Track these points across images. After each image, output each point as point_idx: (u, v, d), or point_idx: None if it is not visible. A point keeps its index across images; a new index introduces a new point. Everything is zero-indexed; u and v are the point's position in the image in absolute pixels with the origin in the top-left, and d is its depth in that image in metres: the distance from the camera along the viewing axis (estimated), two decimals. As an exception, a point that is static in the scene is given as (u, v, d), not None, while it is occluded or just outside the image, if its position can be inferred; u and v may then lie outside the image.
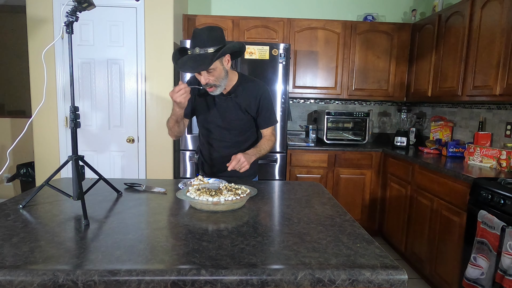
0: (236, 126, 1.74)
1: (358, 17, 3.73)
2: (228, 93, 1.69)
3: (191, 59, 1.47)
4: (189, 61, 1.47)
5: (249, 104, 1.70)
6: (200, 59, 1.45)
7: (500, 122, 2.65)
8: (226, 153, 1.76)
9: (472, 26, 2.54)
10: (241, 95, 1.69)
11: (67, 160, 1.22)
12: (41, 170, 3.00)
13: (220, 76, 1.55)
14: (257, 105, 1.72)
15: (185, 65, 1.48)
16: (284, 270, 0.80)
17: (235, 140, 1.77)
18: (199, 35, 1.47)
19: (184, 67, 1.48)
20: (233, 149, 1.76)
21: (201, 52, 1.46)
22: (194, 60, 1.46)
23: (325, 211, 1.25)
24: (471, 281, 1.84)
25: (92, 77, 2.94)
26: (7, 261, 0.80)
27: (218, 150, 1.79)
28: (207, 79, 1.52)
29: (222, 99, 1.69)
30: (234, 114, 1.71)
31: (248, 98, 1.70)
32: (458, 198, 2.16)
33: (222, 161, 1.77)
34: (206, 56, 1.46)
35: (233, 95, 1.68)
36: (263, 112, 1.73)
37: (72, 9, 1.14)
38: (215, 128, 1.75)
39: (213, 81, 1.54)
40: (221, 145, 1.77)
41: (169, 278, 0.77)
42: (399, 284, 0.81)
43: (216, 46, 1.48)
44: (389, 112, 3.89)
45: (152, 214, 1.19)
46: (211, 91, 1.58)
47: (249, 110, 1.72)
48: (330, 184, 3.24)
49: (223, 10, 3.67)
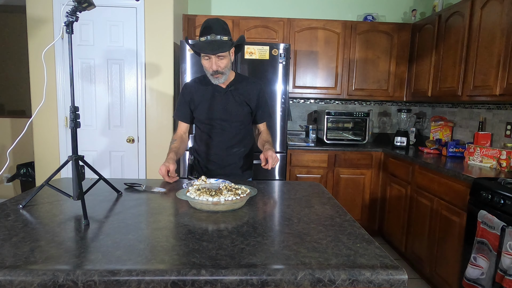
0: (236, 118, 1.78)
1: (358, 17, 3.73)
2: (227, 86, 1.76)
3: (208, 43, 1.60)
4: (207, 45, 1.60)
5: (249, 97, 1.79)
6: (217, 44, 1.59)
7: (500, 122, 2.65)
8: (225, 146, 1.79)
9: (472, 26, 2.54)
10: (240, 87, 1.78)
11: (67, 160, 1.22)
12: (41, 170, 3.00)
13: (227, 65, 1.66)
14: (256, 99, 1.81)
15: (204, 47, 1.60)
16: (284, 270, 0.80)
17: (234, 133, 1.79)
18: (214, 23, 1.61)
19: (204, 49, 1.60)
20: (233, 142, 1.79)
21: (216, 38, 1.60)
22: (212, 44, 1.60)
23: (325, 211, 1.25)
24: (471, 281, 1.84)
25: (92, 77, 2.95)
26: (7, 261, 0.80)
27: (218, 144, 1.80)
28: (218, 65, 1.63)
29: (221, 91, 1.76)
30: (234, 106, 1.76)
31: (248, 91, 1.79)
32: (458, 198, 2.16)
33: (221, 155, 1.81)
34: (222, 42, 1.60)
35: (233, 88, 1.77)
36: (262, 106, 1.83)
37: (72, 9, 1.14)
38: (215, 121, 1.77)
39: (222, 69, 1.64)
40: (221, 138, 1.79)
41: (169, 278, 0.77)
42: (399, 284, 0.81)
43: (228, 36, 1.64)
44: (389, 112, 3.89)
45: (152, 214, 1.19)
46: (217, 79, 1.67)
47: (249, 103, 1.79)
48: (330, 184, 3.24)
49: (223, 10, 3.67)
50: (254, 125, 1.90)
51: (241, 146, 1.83)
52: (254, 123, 1.89)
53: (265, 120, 1.88)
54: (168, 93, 3.01)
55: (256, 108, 1.82)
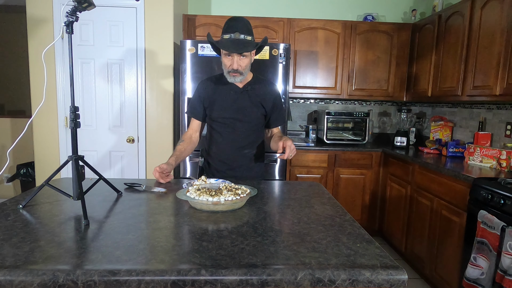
0: (251, 119, 1.76)
1: (358, 17, 3.73)
2: (244, 86, 1.75)
3: (233, 41, 1.59)
4: (232, 43, 1.59)
5: (265, 99, 1.77)
6: (242, 43, 1.59)
7: (500, 122, 2.65)
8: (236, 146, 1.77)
9: (472, 26, 2.54)
10: (257, 89, 1.77)
11: (67, 160, 1.22)
12: (41, 170, 3.00)
13: (247, 65, 1.67)
14: (272, 103, 1.79)
15: (229, 46, 1.58)
16: (284, 270, 0.80)
17: (247, 133, 1.77)
18: (239, 22, 1.61)
19: (229, 47, 1.58)
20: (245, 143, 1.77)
21: (241, 37, 1.59)
22: (237, 42, 1.59)
23: (325, 211, 1.25)
24: (471, 281, 1.84)
25: (92, 77, 2.95)
26: (7, 261, 0.80)
27: (229, 144, 1.78)
28: (239, 64, 1.62)
29: (238, 91, 1.75)
30: (249, 106, 1.75)
31: (264, 94, 1.77)
32: (458, 198, 2.16)
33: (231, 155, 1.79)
34: (247, 41, 1.60)
35: (249, 88, 1.76)
36: (277, 110, 1.82)
37: (72, 9, 1.14)
38: (228, 120, 1.75)
39: (242, 68, 1.64)
40: (233, 137, 1.77)
41: (169, 278, 0.77)
42: (399, 284, 0.81)
43: (251, 36, 1.64)
44: (389, 112, 3.89)
45: (152, 214, 1.19)
46: (234, 75, 1.66)
47: (264, 104, 1.77)
48: (330, 184, 3.24)
49: (223, 10, 3.67)
50: (267, 129, 1.88)
51: (253, 148, 1.80)
52: (267, 127, 1.86)
53: (279, 125, 1.86)
54: (168, 93, 3.01)
55: (271, 112, 1.80)
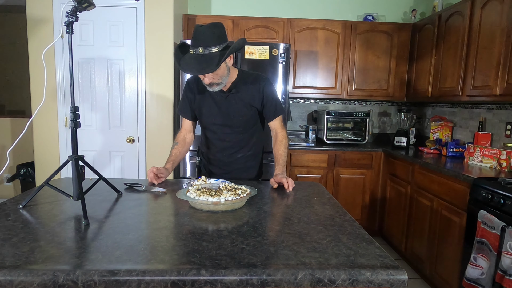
0: (239, 123, 1.69)
1: (358, 17, 3.73)
2: (229, 90, 1.64)
3: (195, 59, 1.42)
4: (193, 62, 1.42)
5: (253, 97, 1.66)
6: (205, 60, 1.40)
7: (500, 122, 2.65)
8: (228, 153, 1.74)
9: (472, 26, 2.54)
10: (242, 90, 1.64)
11: (67, 160, 1.22)
12: (41, 170, 3.00)
13: (223, 75, 1.53)
14: (261, 97, 1.67)
15: (189, 66, 1.43)
16: (284, 270, 0.80)
17: (238, 138, 1.72)
18: (201, 34, 1.41)
19: (189, 68, 1.43)
20: (237, 148, 1.74)
21: (205, 52, 1.41)
22: (199, 61, 1.41)
23: (325, 211, 1.25)
24: (471, 281, 1.84)
25: (92, 77, 2.94)
26: (7, 261, 0.80)
27: (221, 150, 1.75)
28: (211, 79, 1.50)
29: (223, 96, 1.64)
30: (237, 111, 1.65)
31: (251, 92, 1.65)
32: (458, 198, 2.16)
33: (225, 161, 1.76)
34: (211, 57, 1.40)
35: (234, 91, 1.64)
36: (268, 103, 1.68)
37: (72, 9, 1.14)
38: (217, 127, 1.70)
39: (217, 80, 1.52)
40: (224, 145, 1.73)
41: (169, 278, 0.77)
42: (399, 284, 0.81)
43: (219, 44, 1.43)
44: (389, 112, 3.89)
45: (152, 214, 1.19)
46: (212, 88, 1.55)
47: (253, 104, 1.67)
48: (330, 184, 3.24)
49: (223, 10, 3.67)
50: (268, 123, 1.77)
51: (247, 149, 1.76)
52: (267, 121, 1.75)
53: (276, 116, 1.72)
54: (168, 93, 3.01)
55: (262, 107, 1.69)
